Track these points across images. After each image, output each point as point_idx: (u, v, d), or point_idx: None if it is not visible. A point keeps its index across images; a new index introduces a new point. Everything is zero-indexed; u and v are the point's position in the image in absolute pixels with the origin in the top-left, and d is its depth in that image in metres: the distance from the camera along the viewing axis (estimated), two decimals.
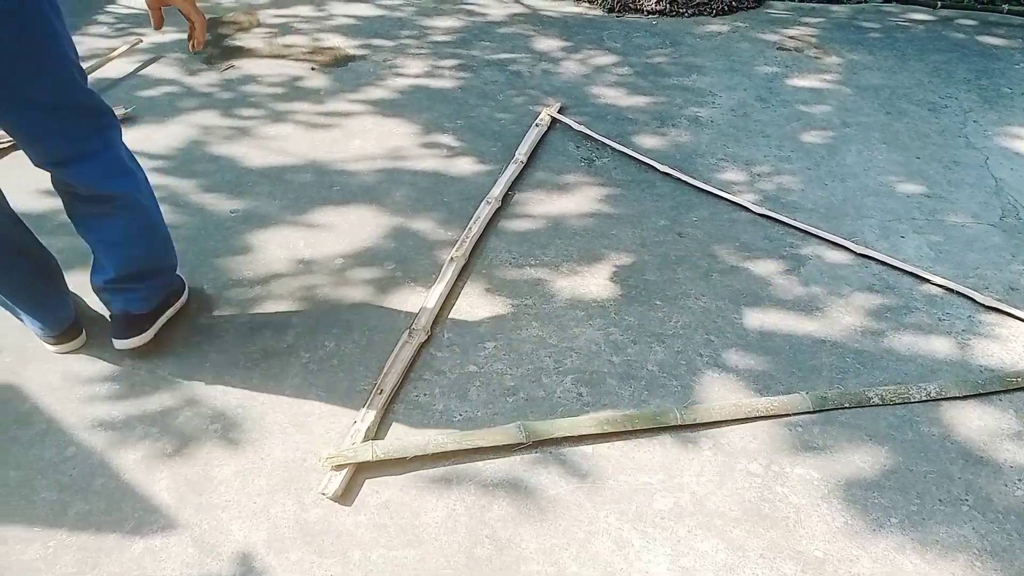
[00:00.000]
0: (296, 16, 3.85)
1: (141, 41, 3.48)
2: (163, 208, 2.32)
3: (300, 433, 1.64)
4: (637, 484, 1.56)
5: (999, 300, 2.05)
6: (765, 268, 2.17)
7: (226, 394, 1.73)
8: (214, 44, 3.51)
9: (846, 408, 1.73)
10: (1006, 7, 4.06)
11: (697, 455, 1.63)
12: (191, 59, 3.35)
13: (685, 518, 1.49)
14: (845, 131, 2.90)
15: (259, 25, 3.73)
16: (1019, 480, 1.57)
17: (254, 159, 2.64)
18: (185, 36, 3.43)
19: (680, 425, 1.67)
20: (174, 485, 1.52)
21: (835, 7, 4.20)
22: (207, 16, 3.79)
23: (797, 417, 1.72)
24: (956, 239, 2.30)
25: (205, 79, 3.18)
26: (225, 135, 2.78)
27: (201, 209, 2.36)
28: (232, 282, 2.07)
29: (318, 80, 3.21)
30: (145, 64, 3.29)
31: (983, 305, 2.03)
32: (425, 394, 1.75)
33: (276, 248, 2.21)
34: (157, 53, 3.40)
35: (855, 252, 2.23)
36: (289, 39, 3.59)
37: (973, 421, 1.71)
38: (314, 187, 2.49)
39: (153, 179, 2.44)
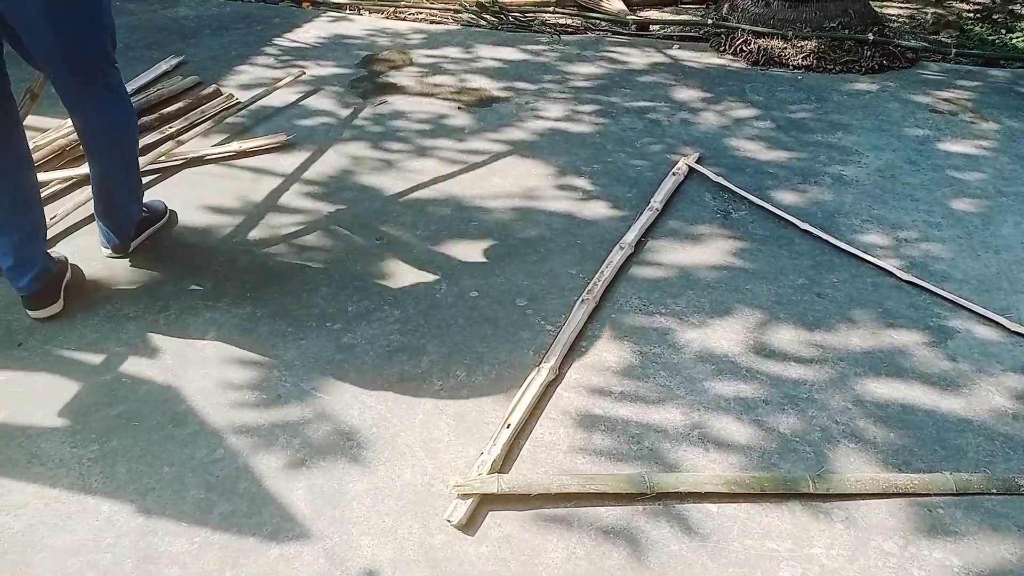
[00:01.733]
0: (445, 57, 4.03)
1: (304, 73, 3.73)
2: (314, 231, 2.48)
3: (429, 458, 1.69)
4: (763, 550, 1.52)
5: None
6: (909, 338, 2.08)
7: (362, 413, 1.81)
8: (368, 80, 3.72)
9: (993, 494, 1.63)
10: None
11: (828, 527, 1.57)
12: (347, 93, 3.56)
13: None
14: (1001, 200, 2.76)
15: (411, 64, 3.93)
16: None
17: (399, 190, 2.77)
18: (344, 71, 3.64)
19: (812, 494, 1.62)
20: (310, 496, 1.60)
21: (994, 71, 4.01)
22: (364, 53, 4.04)
23: (938, 498, 1.63)
24: None
25: (358, 112, 3.37)
26: (373, 166, 2.93)
27: (348, 234, 2.50)
28: (373, 307, 2.17)
29: (462, 119, 3.34)
30: (306, 95, 3.52)
31: None
32: (551, 433, 1.77)
33: (414, 276, 2.30)
34: (317, 85, 3.63)
35: (1009, 329, 2.10)
36: (438, 79, 3.76)
37: None
38: (453, 221, 2.59)
39: (306, 203, 2.62)
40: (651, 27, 4.57)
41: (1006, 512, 1.60)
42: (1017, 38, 4.45)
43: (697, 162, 3.00)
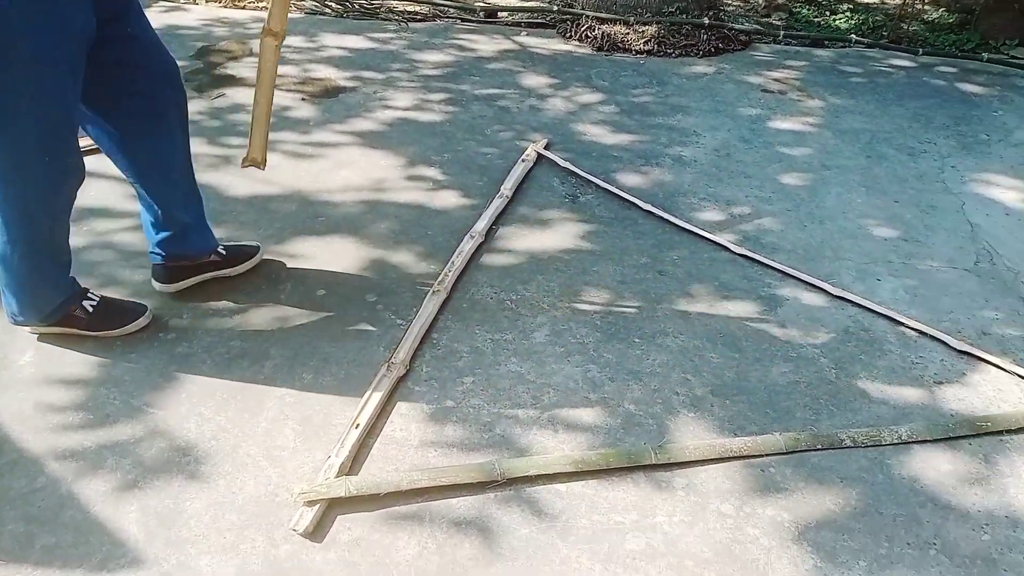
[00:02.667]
0: (288, 46, 3.89)
1: None
2: (143, 236, 2.33)
3: (273, 467, 1.63)
4: (610, 524, 1.56)
5: (971, 344, 2.07)
6: (743, 308, 2.20)
7: (200, 426, 1.72)
8: (204, 73, 3.54)
9: (818, 450, 1.75)
10: (985, 55, 4.15)
11: (670, 495, 1.63)
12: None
13: (656, 559, 1.50)
14: (825, 174, 2.95)
15: (251, 54, 3.77)
16: (986, 525, 1.59)
17: (239, 188, 2.65)
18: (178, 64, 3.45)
19: (654, 464, 1.68)
20: (143, 518, 1.51)
21: (819, 51, 4.28)
22: (199, 44, 3.84)
23: (770, 458, 1.73)
24: (931, 283, 2.34)
25: (194, 107, 3.20)
26: (210, 163, 2.79)
27: None
28: (212, 311, 2.08)
29: (307, 110, 3.24)
30: None
31: (955, 349, 2.06)
32: (401, 429, 1.75)
33: (257, 278, 2.22)
34: None
35: (832, 294, 2.26)
36: (280, 69, 3.62)
37: (943, 465, 1.73)
38: (298, 217, 2.51)
39: (136, 206, 2.46)
40: (499, 14, 4.59)
41: (830, 466, 1.72)
42: (840, 19, 4.77)
43: (546, 148, 3.04)
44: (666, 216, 2.59)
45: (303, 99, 3.34)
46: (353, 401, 1.80)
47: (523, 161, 2.91)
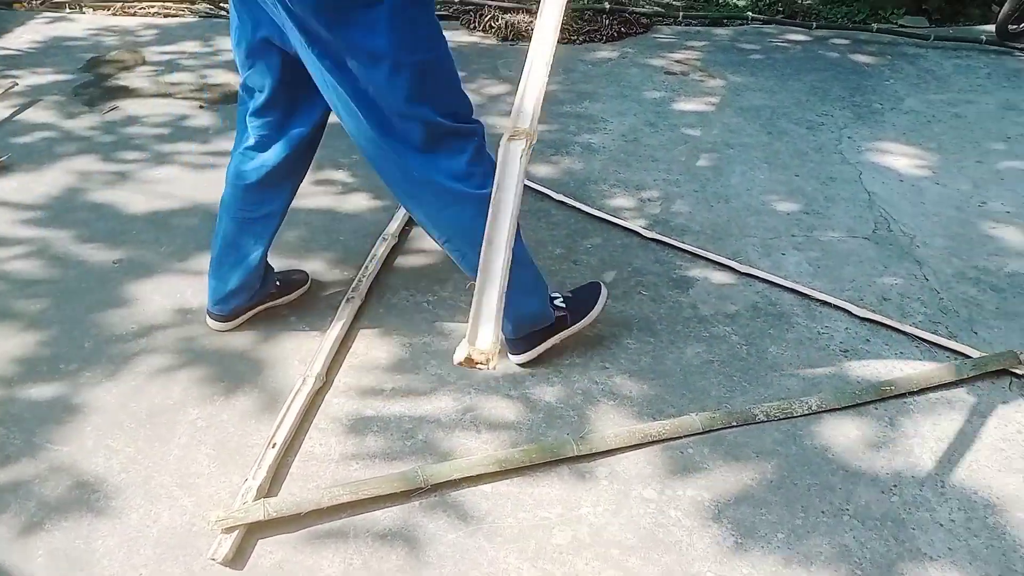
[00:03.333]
0: (183, 52, 3.76)
1: (16, 84, 3.33)
2: (39, 262, 2.23)
3: (188, 496, 1.58)
4: (536, 520, 1.57)
5: (873, 311, 2.16)
6: (656, 291, 2.23)
7: (108, 459, 1.66)
8: (95, 85, 3.39)
9: (734, 427, 1.80)
10: (875, 26, 4.31)
11: (594, 485, 1.65)
12: (71, 102, 3.22)
13: (583, 551, 1.51)
14: (729, 152, 3.03)
15: (144, 63, 3.62)
16: (894, 487, 1.66)
17: (137, 205, 2.55)
18: (66, 77, 3.30)
19: (577, 456, 1.70)
20: (52, 562, 1.44)
21: (717, 30, 4.38)
22: (88, 56, 3.67)
23: (688, 439, 1.77)
24: (833, 253, 2.43)
25: (85, 122, 3.06)
26: (106, 180, 2.68)
27: (80, 261, 2.27)
28: (115, 337, 2.00)
29: (206, 118, 3.14)
30: (20, 109, 3.15)
31: (859, 317, 2.14)
32: (321, 444, 1.72)
33: (161, 298, 2.14)
34: (34, 96, 3.26)
35: (739, 271, 2.32)
36: (176, 76, 3.50)
37: (852, 431, 1.80)
38: (203, 232, 2.42)
39: (29, 231, 2.36)
40: None
41: (746, 441, 1.77)
42: None
43: None
44: (578, 205, 2.62)
45: (201, 107, 3.24)
46: (269, 419, 1.76)
47: None
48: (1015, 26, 4.02)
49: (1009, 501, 1.64)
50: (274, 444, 1.66)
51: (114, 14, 4.28)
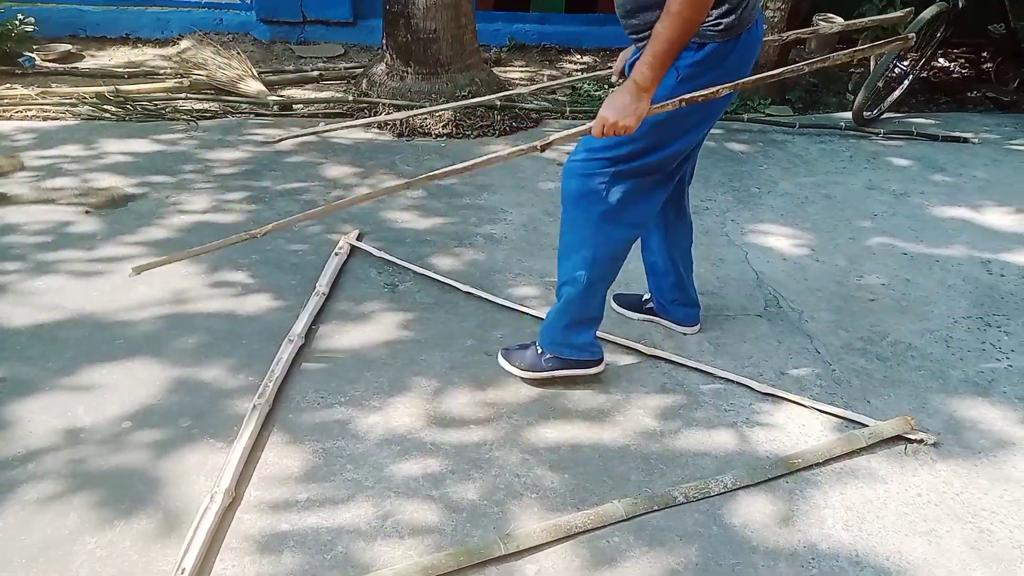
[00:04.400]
0: (65, 156, 3.63)
1: None
2: None
3: None
4: None
5: (772, 386, 2.26)
6: (569, 378, 2.26)
7: None
8: None
9: (655, 511, 1.81)
10: (745, 116, 4.64)
11: None
12: None
13: None
14: None
15: (22, 168, 3.47)
16: (812, 559, 1.71)
17: (20, 318, 2.40)
18: None
19: (505, 555, 1.67)
20: None
21: None
22: None
23: (613, 527, 1.77)
24: (730, 332, 2.54)
25: None
26: None
27: None
28: (2, 463, 1.84)
29: (91, 224, 3.01)
30: None
31: (760, 392, 2.23)
32: (234, 566, 1.62)
33: (51, 418, 2.00)
34: None
35: (646, 354, 2.38)
36: (57, 181, 3.36)
37: (767, 507, 1.85)
38: (93, 343, 2.30)
39: None
40: (294, 106, 4.56)
41: (668, 525, 1.79)
42: None
43: (358, 239, 3.02)
44: (486, 296, 2.64)
45: (87, 212, 3.11)
46: (175, 543, 1.65)
47: (336, 255, 2.87)
48: (869, 112, 4.43)
49: (918, 565, 1.71)
50: (183, 570, 1.55)
51: None
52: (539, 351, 2.21)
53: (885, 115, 4.61)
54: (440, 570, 1.61)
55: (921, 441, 2.05)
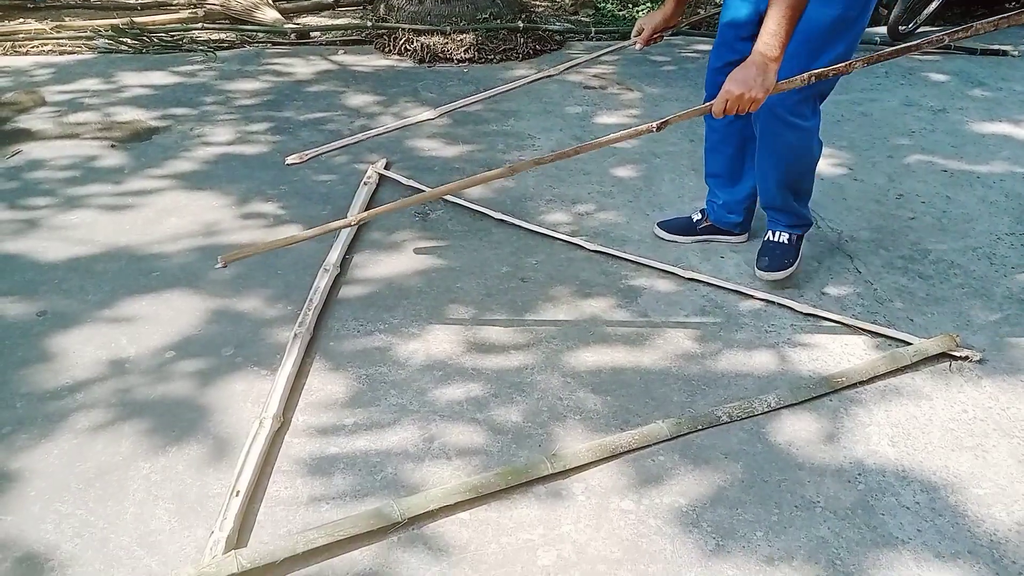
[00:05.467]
0: (85, 91, 3.59)
1: None
2: None
3: (151, 555, 1.49)
4: (519, 543, 1.54)
5: (814, 306, 2.23)
6: (606, 303, 2.25)
7: (59, 524, 1.54)
8: None
9: (700, 430, 1.82)
10: None
11: (572, 502, 1.64)
12: None
13: (570, 569, 1.49)
14: (656, 161, 3.09)
15: (44, 104, 3.43)
16: (859, 475, 1.71)
17: (56, 252, 2.40)
18: None
19: (552, 474, 1.68)
20: None
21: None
22: None
23: (657, 447, 1.78)
24: None
25: None
26: (14, 229, 2.52)
27: None
28: (48, 394, 1.87)
29: (117, 158, 2.99)
30: None
31: (801, 312, 2.21)
32: (287, 487, 1.65)
33: (94, 349, 2.02)
34: None
35: (684, 277, 2.36)
36: (80, 116, 3.33)
37: (812, 425, 1.84)
38: (130, 275, 2.30)
39: None
40: (311, 34, 4.46)
41: (713, 444, 1.79)
42: (642, 11, 5.01)
43: (386, 168, 2.98)
44: (518, 222, 2.61)
45: (112, 146, 3.09)
46: (228, 466, 1.67)
47: (365, 184, 2.84)
48: (904, 27, 4.27)
49: (965, 478, 1.71)
50: (238, 492, 1.58)
51: (4, 54, 4.05)
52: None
53: (921, 29, 4.45)
54: (489, 489, 1.63)
55: (966, 358, 2.03)
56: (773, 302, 2.26)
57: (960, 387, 1.96)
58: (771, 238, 2.34)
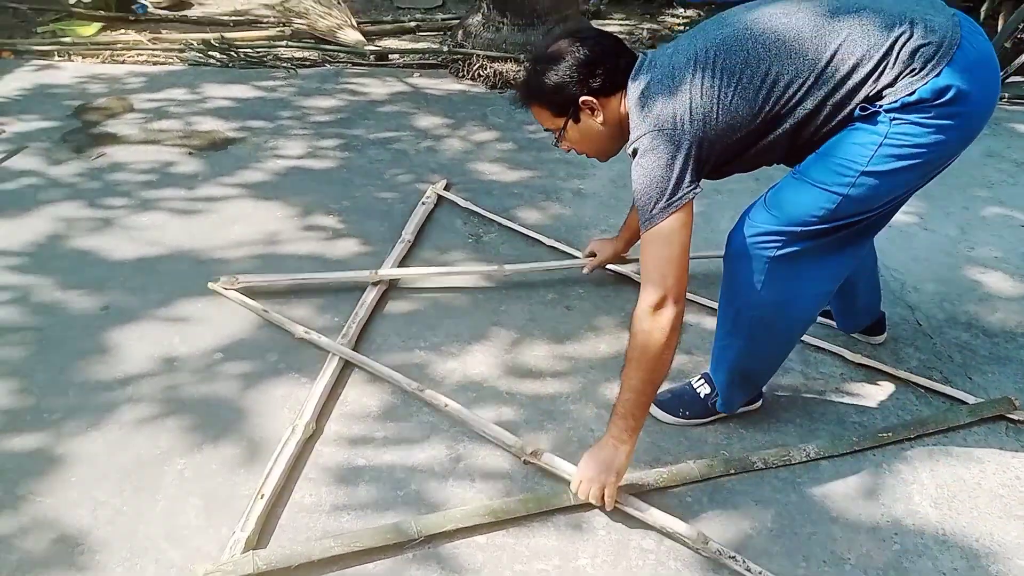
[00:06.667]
0: (171, 100, 3.77)
1: (4, 131, 3.31)
2: (22, 309, 2.19)
3: (175, 548, 1.53)
4: (533, 573, 1.53)
5: (867, 357, 2.15)
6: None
7: (94, 511, 1.60)
8: (82, 132, 3.38)
9: (732, 475, 1.77)
10: None
11: (591, 535, 1.62)
12: (57, 149, 3.21)
13: None
14: (718, 198, 3.05)
15: (132, 110, 3.63)
16: (895, 535, 1.64)
17: (124, 251, 2.52)
18: (52, 124, 3.30)
19: (573, 506, 1.66)
20: None
21: None
22: (76, 103, 3.67)
23: (687, 487, 1.74)
24: None
25: (72, 169, 3.05)
26: (91, 227, 2.65)
27: (65, 308, 2.23)
28: (100, 386, 1.95)
29: (193, 165, 3.13)
30: (7, 156, 3.13)
31: (853, 363, 2.14)
32: (311, 495, 1.68)
33: (148, 346, 2.10)
34: (20, 143, 3.24)
35: None
36: (163, 124, 3.50)
37: (850, 478, 1.77)
38: (190, 278, 2.39)
39: (10, 278, 2.33)
40: (390, 56, 4.59)
41: (744, 489, 1.74)
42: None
43: (445, 189, 3.03)
44: (569, 251, 2.61)
45: (189, 153, 3.23)
46: (258, 469, 1.71)
47: (423, 203, 2.89)
48: None
49: (1011, 549, 1.61)
50: (262, 495, 1.61)
51: (102, 62, 4.30)
52: None
53: (1011, 79, 4.28)
54: (509, 514, 1.62)
55: None
56: (824, 349, 2.19)
57: (1015, 452, 1.85)
58: (692, 383, 1.97)
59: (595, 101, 1.66)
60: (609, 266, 2.47)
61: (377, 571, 1.51)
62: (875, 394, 2.04)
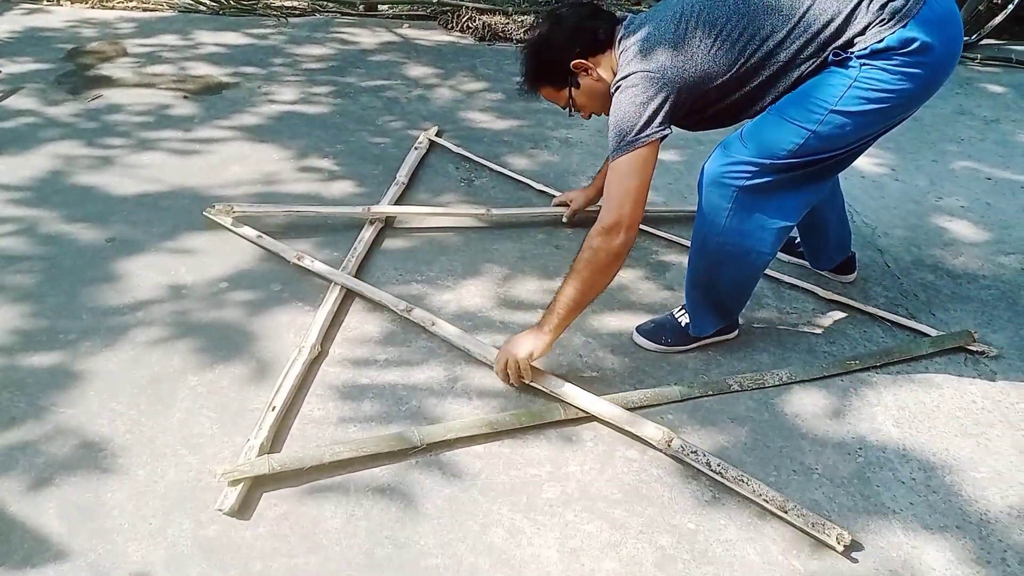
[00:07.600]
0: (163, 45, 3.80)
1: (0, 72, 3.34)
2: (30, 239, 2.26)
3: (193, 454, 1.64)
4: (527, 477, 1.66)
5: (837, 293, 2.29)
6: (634, 274, 2.34)
7: (113, 421, 1.70)
8: (77, 74, 3.41)
9: (710, 395, 1.90)
10: None
11: (580, 446, 1.74)
12: (53, 90, 3.24)
13: (572, 504, 1.60)
14: (700, 148, 3.16)
15: (125, 54, 3.65)
16: (859, 449, 1.78)
17: (126, 188, 2.59)
18: (46, 66, 3.32)
19: (564, 420, 1.79)
20: (64, 513, 1.49)
21: None
22: (69, 46, 3.68)
23: (667, 406, 1.87)
24: None
25: (68, 109, 3.09)
26: (91, 164, 2.71)
27: (72, 239, 2.31)
28: (112, 310, 2.04)
29: (189, 108, 3.18)
30: (6, 95, 3.15)
31: (825, 299, 2.27)
32: (319, 408, 1.79)
33: (156, 275, 2.19)
34: (16, 84, 3.27)
35: None
36: (157, 68, 3.53)
37: (819, 401, 1.91)
38: (192, 213, 2.47)
39: (15, 211, 2.39)
40: (379, 7, 4.61)
41: (721, 409, 1.87)
42: None
43: (437, 135, 3.11)
44: (557, 194, 2.71)
45: (184, 97, 3.28)
46: (267, 386, 1.82)
47: (416, 148, 2.97)
48: (967, 37, 4.25)
49: (964, 462, 1.76)
50: (274, 407, 1.72)
51: (91, 7, 4.29)
52: None
53: (984, 41, 4.41)
54: (504, 426, 1.74)
55: (983, 353, 2.08)
56: (797, 286, 2.32)
57: (972, 379, 2.00)
58: (673, 313, 2.09)
59: (585, 62, 1.77)
60: (590, 208, 2.58)
61: (383, 475, 1.63)
62: (844, 327, 2.18)
